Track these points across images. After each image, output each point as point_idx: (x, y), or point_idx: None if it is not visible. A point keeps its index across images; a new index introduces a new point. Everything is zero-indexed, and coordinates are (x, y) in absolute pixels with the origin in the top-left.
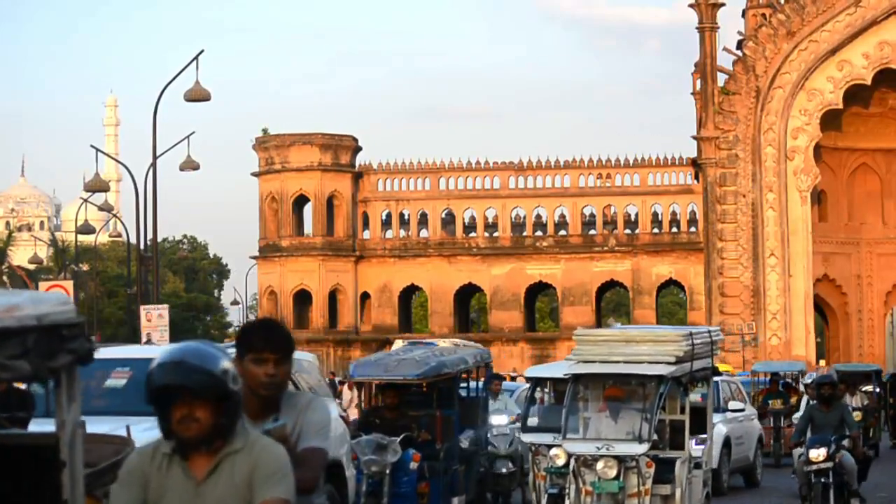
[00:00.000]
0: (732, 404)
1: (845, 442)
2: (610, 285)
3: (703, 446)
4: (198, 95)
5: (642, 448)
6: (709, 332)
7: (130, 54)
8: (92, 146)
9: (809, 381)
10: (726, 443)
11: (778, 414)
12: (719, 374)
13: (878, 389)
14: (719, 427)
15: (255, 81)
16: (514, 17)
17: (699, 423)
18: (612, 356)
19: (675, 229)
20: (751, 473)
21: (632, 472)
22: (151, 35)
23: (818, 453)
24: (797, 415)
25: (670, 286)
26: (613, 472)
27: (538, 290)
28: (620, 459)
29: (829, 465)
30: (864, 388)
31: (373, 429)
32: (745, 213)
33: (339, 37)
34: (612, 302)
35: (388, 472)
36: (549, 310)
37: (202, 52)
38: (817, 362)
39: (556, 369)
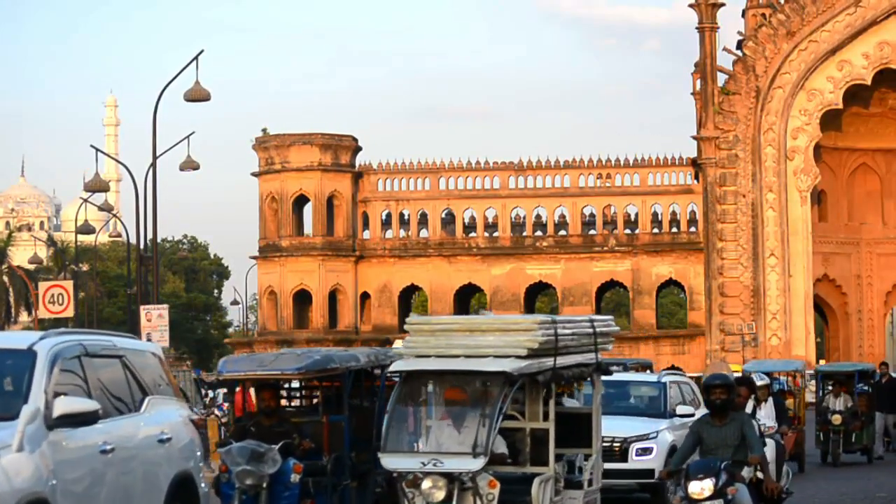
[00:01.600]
0: (681, 409)
1: (745, 471)
2: (610, 285)
3: (646, 457)
4: (198, 95)
5: (477, 463)
6: (590, 320)
7: (130, 54)
8: (92, 146)
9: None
10: (673, 452)
11: None
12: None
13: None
14: (664, 435)
15: (255, 81)
16: (514, 17)
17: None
18: (450, 349)
19: (675, 229)
20: None
21: (468, 493)
22: (151, 35)
23: (700, 487)
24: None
25: (670, 286)
26: (442, 494)
27: (538, 290)
28: (452, 478)
29: (717, 503)
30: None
31: (248, 437)
32: (745, 213)
33: (339, 37)
34: (611, 302)
35: (265, 485)
36: (549, 310)
37: (202, 52)
38: (817, 362)
39: (435, 362)
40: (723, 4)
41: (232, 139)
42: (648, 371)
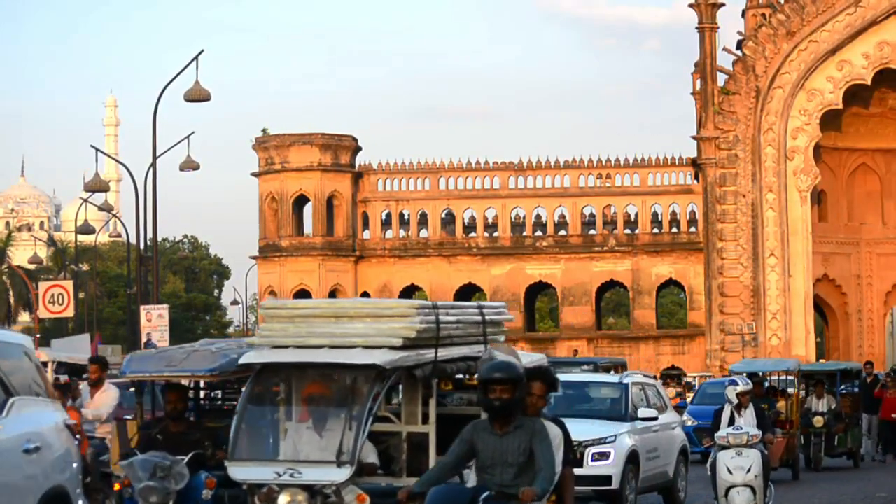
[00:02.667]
0: (643, 411)
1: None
2: (610, 285)
3: (602, 462)
4: (198, 95)
5: (342, 473)
6: (478, 307)
7: (130, 54)
8: (92, 146)
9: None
10: (632, 458)
11: None
12: None
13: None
14: (623, 439)
15: (255, 81)
16: (513, 17)
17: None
18: (312, 338)
19: (675, 229)
20: (670, 491)
21: None
22: (151, 35)
23: None
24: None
25: (670, 286)
26: None
27: (538, 290)
28: (313, 491)
29: None
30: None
31: (154, 446)
32: (745, 213)
33: (339, 37)
34: (611, 302)
35: (171, 503)
36: (549, 310)
37: (202, 52)
38: (817, 362)
39: (293, 353)
40: (723, 4)
41: (232, 139)
42: (621, 370)
